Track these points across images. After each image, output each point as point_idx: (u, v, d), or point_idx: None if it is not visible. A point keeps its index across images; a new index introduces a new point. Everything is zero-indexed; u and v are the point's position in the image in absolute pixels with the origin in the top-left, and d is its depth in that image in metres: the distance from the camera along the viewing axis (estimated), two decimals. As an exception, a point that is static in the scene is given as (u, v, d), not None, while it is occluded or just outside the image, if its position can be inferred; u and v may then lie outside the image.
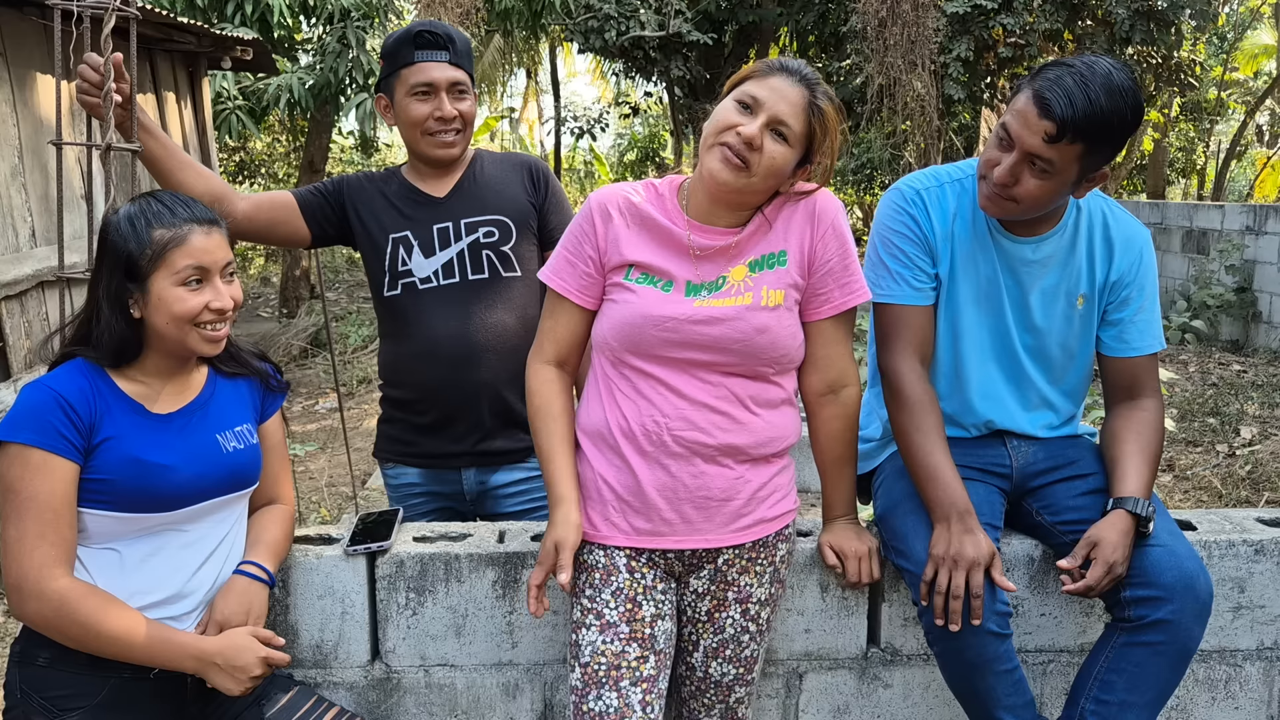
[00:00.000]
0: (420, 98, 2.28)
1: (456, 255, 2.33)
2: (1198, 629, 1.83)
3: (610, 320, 1.80)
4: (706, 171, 1.73)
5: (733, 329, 1.75)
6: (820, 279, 1.83)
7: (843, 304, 1.84)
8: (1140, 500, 1.88)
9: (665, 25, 12.52)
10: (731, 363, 1.77)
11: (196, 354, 1.79)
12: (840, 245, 1.83)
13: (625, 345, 1.78)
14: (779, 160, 1.72)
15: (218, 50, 6.89)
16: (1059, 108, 1.77)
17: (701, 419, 1.77)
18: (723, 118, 1.73)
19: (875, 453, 2.25)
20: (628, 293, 1.79)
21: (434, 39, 2.27)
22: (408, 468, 2.45)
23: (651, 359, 1.77)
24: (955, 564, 1.81)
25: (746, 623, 1.88)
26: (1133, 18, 11.82)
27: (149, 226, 1.71)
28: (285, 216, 2.33)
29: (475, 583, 2.05)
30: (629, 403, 1.79)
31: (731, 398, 1.78)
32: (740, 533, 1.83)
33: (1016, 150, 1.84)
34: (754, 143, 1.69)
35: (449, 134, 2.31)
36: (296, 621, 2.04)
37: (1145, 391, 2.08)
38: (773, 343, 1.78)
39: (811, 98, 1.73)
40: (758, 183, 1.73)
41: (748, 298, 1.77)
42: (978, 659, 1.84)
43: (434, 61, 2.27)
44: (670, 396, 1.77)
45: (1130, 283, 2.06)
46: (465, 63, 2.33)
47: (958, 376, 2.11)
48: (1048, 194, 1.87)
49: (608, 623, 1.79)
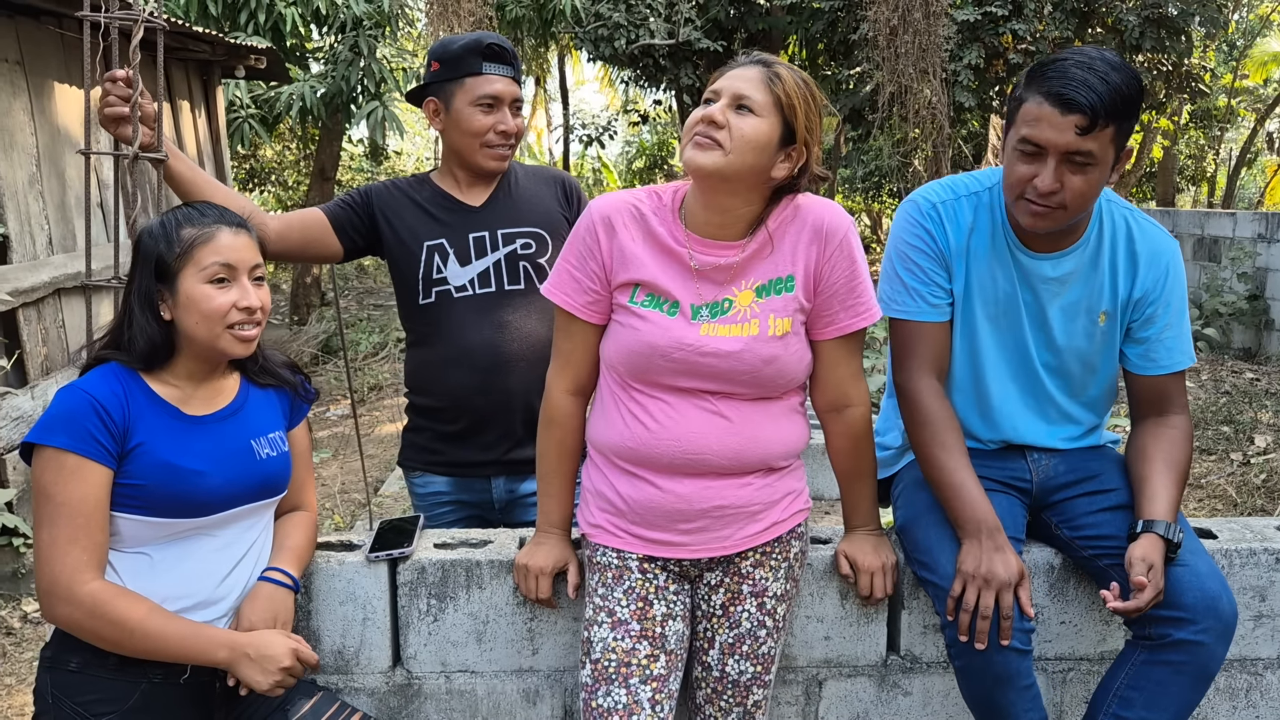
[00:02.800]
0: (485, 109, 2.30)
1: (493, 265, 2.35)
2: (1221, 649, 1.81)
3: (617, 346, 1.80)
4: (686, 165, 1.71)
5: (739, 362, 1.75)
6: (825, 300, 1.80)
7: (847, 327, 1.82)
8: (1170, 525, 1.86)
9: (675, 33, 12.54)
10: (738, 390, 1.78)
11: (227, 355, 1.80)
12: (849, 266, 1.79)
13: (632, 373, 1.79)
14: (749, 131, 1.67)
15: (231, 59, 6.93)
16: (1083, 97, 1.74)
17: (713, 441, 1.77)
18: (691, 116, 1.74)
19: (893, 460, 2.25)
20: (635, 318, 1.78)
21: (502, 52, 2.32)
22: (435, 476, 2.46)
23: (658, 386, 1.78)
24: (986, 584, 1.79)
25: (763, 617, 1.88)
26: (1143, 25, 11.81)
27: (178, 227, 1.74)
28: (317, 234, 2.34)
29: (496, 589, 2.06)
30: (639, 426, 1.79)
31: (740, 419, 1.78)
32: (755, 537, 1.84)
33: (1052, 155, 1.79)
34: (717, 120, 1.67)
35: (505, 148, 2.35)
36: (319, 627, 2.05)
37: (1173, 408, 2.04)
38: (780, 371, 1.78)
39: (768, 69, 1.72)
40: (735, 160, 1.67)
41: (754, 326, 1.76)
42: (1001, 675, 1.83)
43: (500, 75, 2.31)
44: (680, 420, 1.77)
45: (1156, 299, 2.01)
46: (521, 80, 2.40)
47: (976, 392, 2.09)
48: (1094, 187, 1.83)
49: (619, 620, 1.80)
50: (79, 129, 5.52)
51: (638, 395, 1.80)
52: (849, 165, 15.73)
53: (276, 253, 2.30)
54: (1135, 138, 17.84)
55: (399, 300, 2.44)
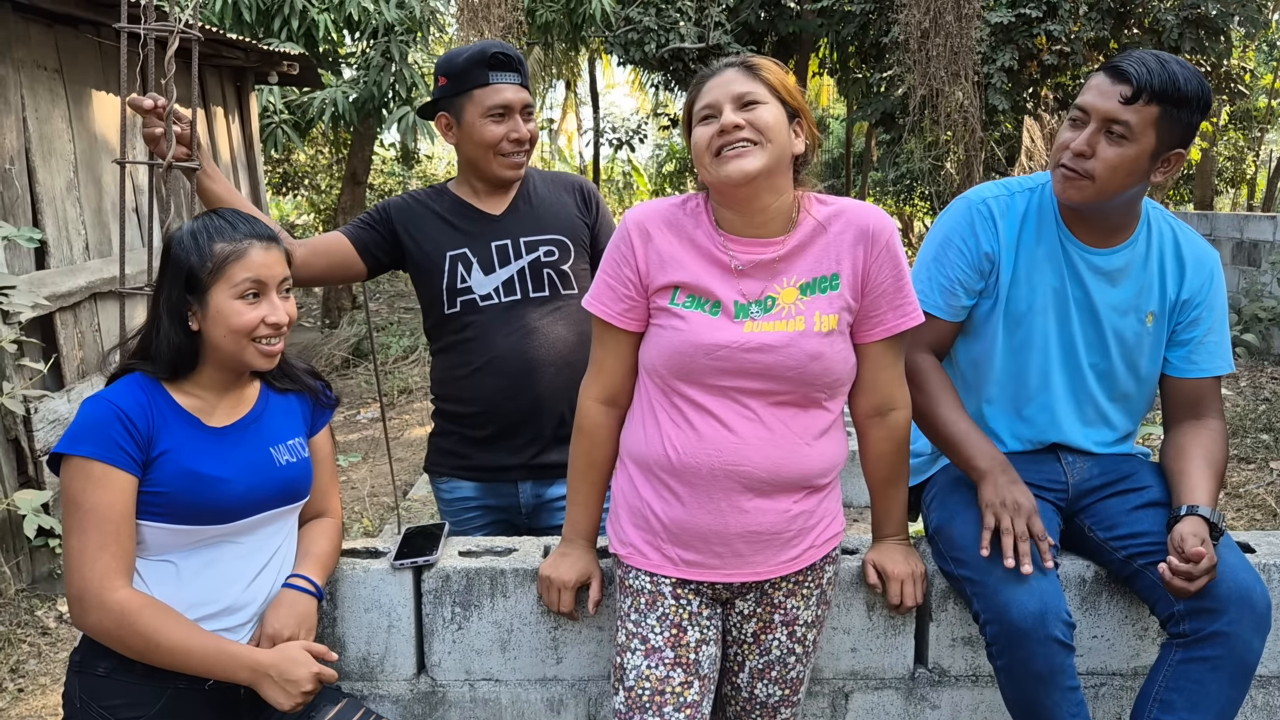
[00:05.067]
0: (496, 119, 2.30)
1: (517, 273, 2.35)
2: (1257, 641, 1.79)
3: (659, 348, 1.78)
4: (727, 179, 1.69)
5: (786, 356, 1.72)
6: (873, 301, 1.79)
7: (895, 326, 1.81)
8: (1214, 510, 1.86)
9: (705, 37, 12.53)
10: (784, 390, 1.75)
11: (251, 368, 1.82)
12: (895, 267, 1.79)
13: (675, 373, 1.76)
14: (770, 119, 1.69)
15: (264, 65, 7.01)
16: (1134, 70, 1.81)
17: (753, 453, 1.74)
18: (696, 139, 1.73)
19: (925, 467, 2.23)
20: (676, 319, 1.76)
21: (507, 60, 2.30)
22: (462, 481, 2.46)
23: (702, 387, 1.75)
24: (1016, 509, 1.84)
25: (793, 645, 1.87)
26: (1181, 25, 11.64)
27: (211, 240, 1.75)
28: (341, 258, 2.36)
29: (520, 598, 2.05)
30: (679, 434, 1.77)
31: (783, 429, 1.76)
32: (790, 562, 1.82)
33: (1094, 119, 1.85)
34: (739, 124, 1.68)
35: (520, 155, 2.35)
36: (344, 634, 2.06)
37: (1210, 412, 2.06)
38: (826, 369, 1.75)
39: (745, 65, 1.75)
40: (773, 150, 1.68)
41: (800, 322, 1.74)
42: (1045, 669, 1.79)
43: (508, 84, 2.30)
44: (721, 430, 1.74)
45: (1201, 303, 2.04)
46: (529, 84, 2.37)
47: (1017, 386, 2.09)
48: (1125, 165, 1.85)
49: (653, 648, 1.79)
50: (116, 136, 5.59)
51: (679, 401, 1.77)
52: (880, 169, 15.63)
53: (302, 279, 2.31)
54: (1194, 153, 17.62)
55: (424, 311, 2.45)
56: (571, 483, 1.96)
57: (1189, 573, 1.76)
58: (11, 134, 4.68)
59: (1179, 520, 1.85)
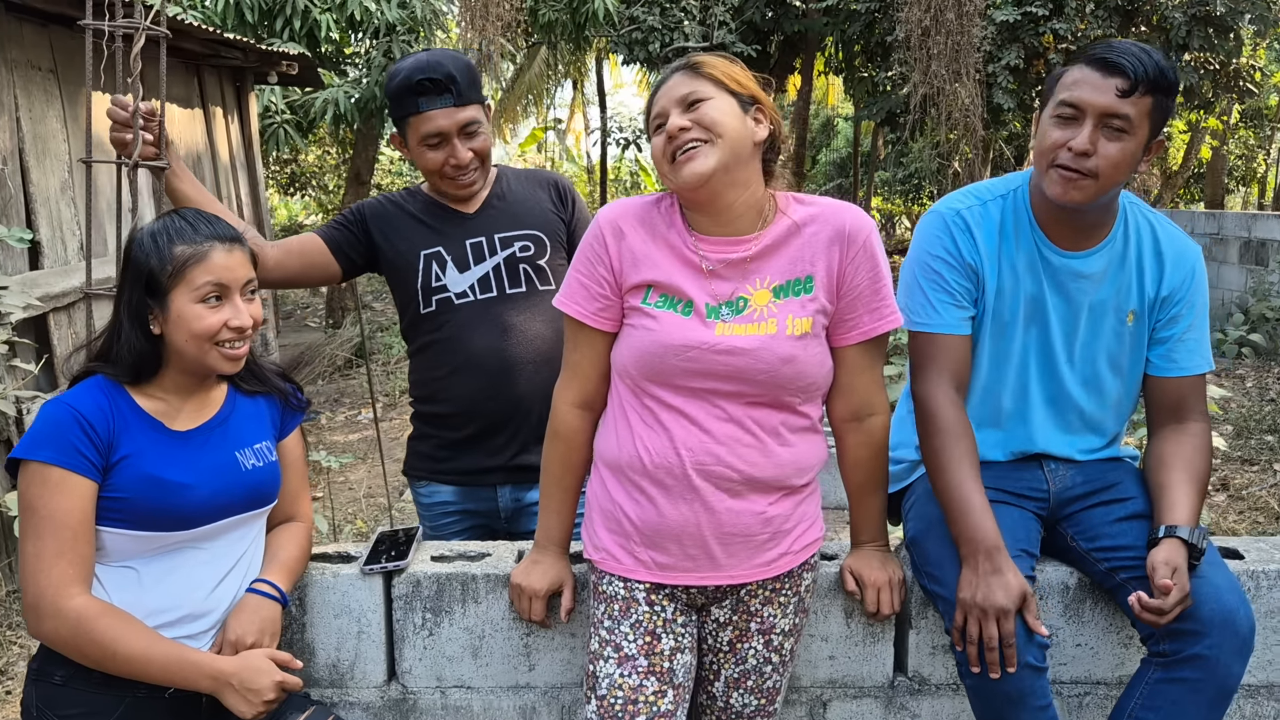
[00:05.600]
0: (433, 148, 2.24)
1: (492, 269, 2.32)
2: (1237, 666, 1.74)
3: (630, 348, 1.75)
4: (684, 183, 1.67)
5: (757, 359, 1.69)
6: (849, 304, 1.75)
7: (872, 330, 1.77)
8: (1194, 530, 1.80)
9: (709, 37, 12.47)
10: (756, 393, 1.71)
11: (215, 372, 1.79)
12: (872, 268, 1.75)
13: (646, 374, 1.73)
14: (716, 113, 1.65)
15: (264, 65, 7.00)
16: (1127, 63, 1.75)
17: (725, 452, 1.71)
18: (653, 150, 1.72)
19: (907, 474, 2.18)
20: (647, 318, 1.73)
21: (435, 84, 2.18)
22: (441, 485, 2.44)
23: (673, 389, 1.72)
24: (984, 613, 1.73)
25: (769, 653, 1.83)
26: (1189, 23, 11.53)
27: (171, 242, 1.71)
28: (315, 259, 2.33)
29: (492, 604, 2.02)
30: (651, 435, 1.74)
31: (756, 429, 1.72)
32: (766, 567, 1.78)
33: (1090, 117, 1.78)
34: (684, 125, 1.65)
35: (467, 175, 2.29)
36: (313, 640, 2.03)
37: (1192, 414, 1.99)
38: (799, 373, 1.71)
39: (688, 66, 1.72)
40: (725, 144, 1.64)
41: (772, 325, 1.70)
42: (1014, 693, 1.76)
43: (440, 109, 2.20)
44: (693, 429, 1.71)
45: (1181, 299, 1.98)
46: (473, 93, 2.25)
47: (997, 398, 2.04)
48: (1125, 159, 1.80)
49: (626, 655, 1.75)
50: (111, 136, 5.60)
51: (649, 402, 1.74)
52: (887, 168, 15.55)
53: (276, 280, 2.30)
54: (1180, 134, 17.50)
55: (400, 311, 2.43)
56: (545, 488, 1.92)
57: (1159, 607, 1.72)
58: (5, 134, 4.67)
59: (1156, 544, 1.80)
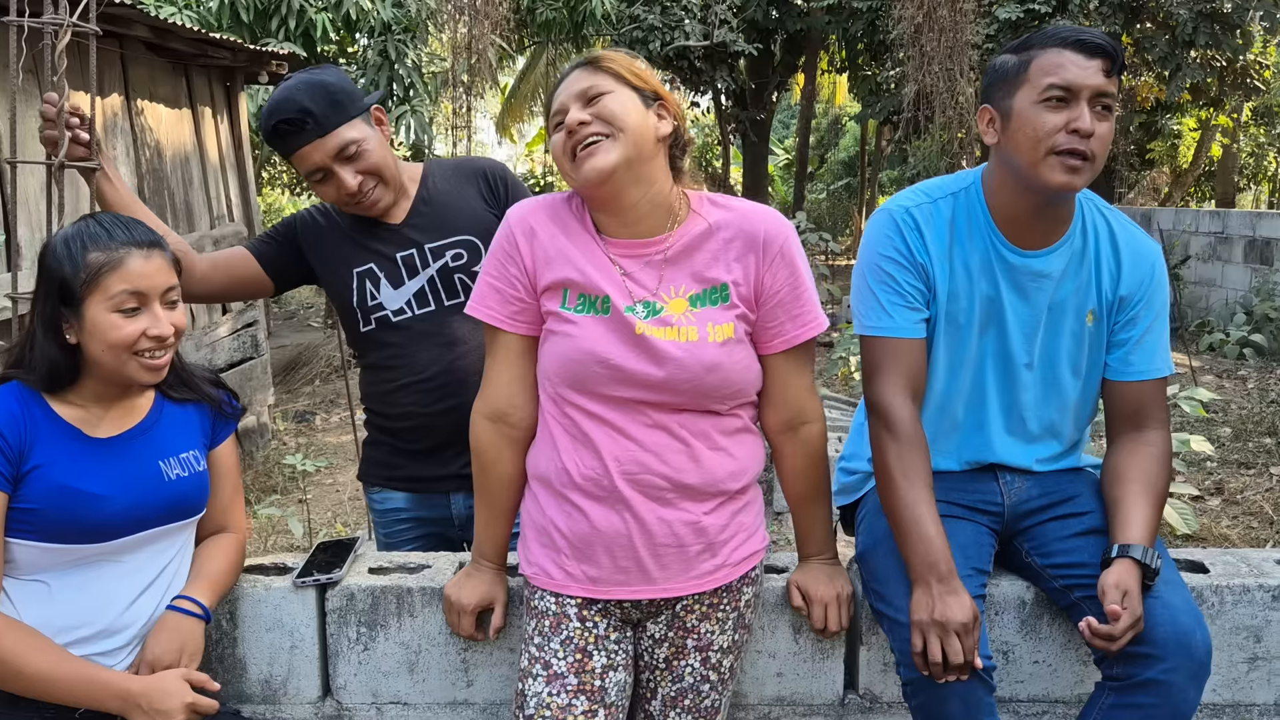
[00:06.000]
0: (319, 182, 2.12)
1: (427, 282, 2.22)
2: (1192, 691, 1.66)
3: (551, 355, 1.69)
4: (587, 180, 1.61)
5: (680, 368, 1.62)
6: (770, 311, 1.69)
7: (795, 338, 1.70)
8: (1148, 550, 1.72)
9: (710, 35, 12.41)
10: (681, 401, 1.65)
11: (135, 382, 1.73)
12: (791, 273, 1.68)
13: (568, 382, 1.67)
14: (617, 106, 1.60)
15: (254, 65, 6.95)
16: (1104, 42, 1.73)
17: (653, 460, 1.65)
18: (553, 148, 1.66)
19: (861, 485, 2.11)
20: (567, 324, 1.66)
21: (291, 124, 2.05)
22: (394, 492, 2.38)
23: (595, 397, 1.65)
24: (944, 629, 1.65)
25: (707, 671, 1.77)
26: (1196, 20, 11.41)
27: (84, 249, 1.65)
28: (243, 273, 2.25)
29: (428, 617, 1.96)
30: (577, 447, 1.67)
31: (685, 434, 1.66)
32: (701, 580, 1.71)
33: (1082, 97, 1.72)
34: (585, 120, 1.60)
35: (366, 198, 2.16)
36: (244, 655, 1.97)
37: (1151, 422, 1.91)
38: (724, 380, 1.65)
39: (588, 62, 1.67)
40: (627, 138, 1.58)
41: (692, 332, 1.64)
42: (961, 712, 1.69)
43: (306, 145, 2.07)
44: (618, 438, 1.65)
45: (1140, 300, 1.90)
46: (338, 116, 2.07)
47: (953, 406, 1.96)
48: (1111, 138, 1.78)
49: (555, 673, 1.69)
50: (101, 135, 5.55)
51: (572, 412, 1.68)
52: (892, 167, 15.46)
53: (201, 294, 2.23)
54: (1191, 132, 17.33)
55: (343, 327, 2.35)
56: (475, 504, 1.87)
57: (1109, 633, 1.65)
58: (-18, 135, 4.63)
59: (1109, 564, 1.73)
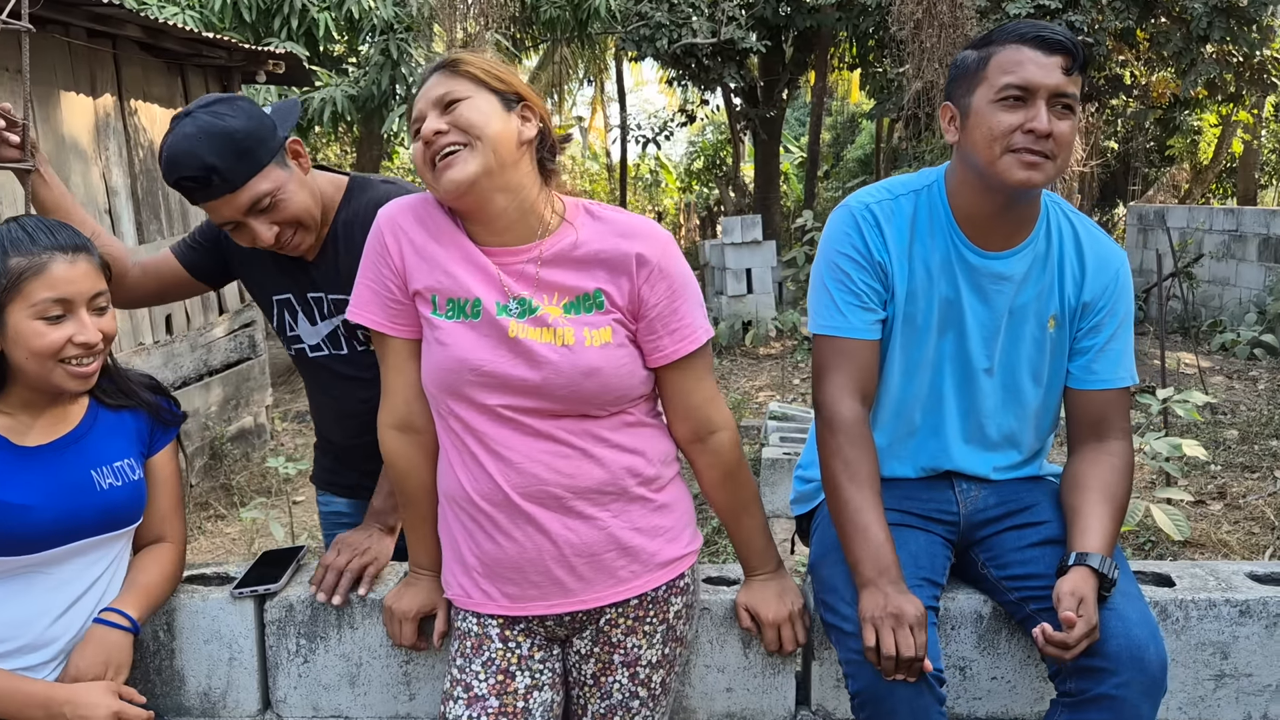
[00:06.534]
0: (234, 232, 1.92)
1: (339, 327, 2.08)
2: (1146, 707, 1.60)
3: (427, 365, 1.64)
4: (448, 191, 1.55)
5: (556, 373, 1.56)
6: (648, 325, 1.63)
7: (675, 353, 1.64)
8: (1106, 559, 1.67)
9: (718, 33, 12.30)
10: (559, 408, 1.60)
11: (62, 391, 1.69)
12: (668, 287, 1.62)
13: (443, 391, 1.62)
14: (474, 114, 1.54)
15: (250, 64, 6.93)
16: (1064, 39, 1.68)
17: (543, 470, 1.59)
18: (414, 156, 1.60)
19: (817, 493, 2.05)
20: (439, 331, 1.61)
21: (195, 180, 1.82)
22: (335, 496, 2.35)
23: (472, 406, 1.60)
24: (898, 620, 1.60)
25: (636, 687, 1.71)
26: (1211, 14, 11.21)
27: (5, 255, 1.61)
28: (174, 279, 2.16)
29: (369, 629, 1.92)
30: (467, 463, 1.63)
31: (569, 438, 1.60)
32: (618, 588, 1.66)
33: (1040, 96, 1.68)
34: (440, 129, 1.54)
35: (286, 247, 1.96)
36: (183, 666, 1.94)
37: (1113, 432, 1.85)
38: (604, 385, 1.59)
39: (445, 65, 1.60)
40: (485, 146, 1.53)
41: (569, 335, 1.58)
42: None
43: (215, 200, 1.84)
44: (504, 453, 1.60)
45: (1104, 307, 1.84)
46: (247, 166, 1.83)
47: (909, 410, 1.90)
48: (1073, 138, 1.72)
49: (476, 696, 1.64)
50: (85, 136, 5.56)
51: (455, 425, 1.63)
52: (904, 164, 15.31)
53: (136, 299, 2.16)
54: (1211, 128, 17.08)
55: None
56: (401, 515, 1.83)
57: (1063, 641, 1.58)
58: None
59: (1065, 572, 1.67)
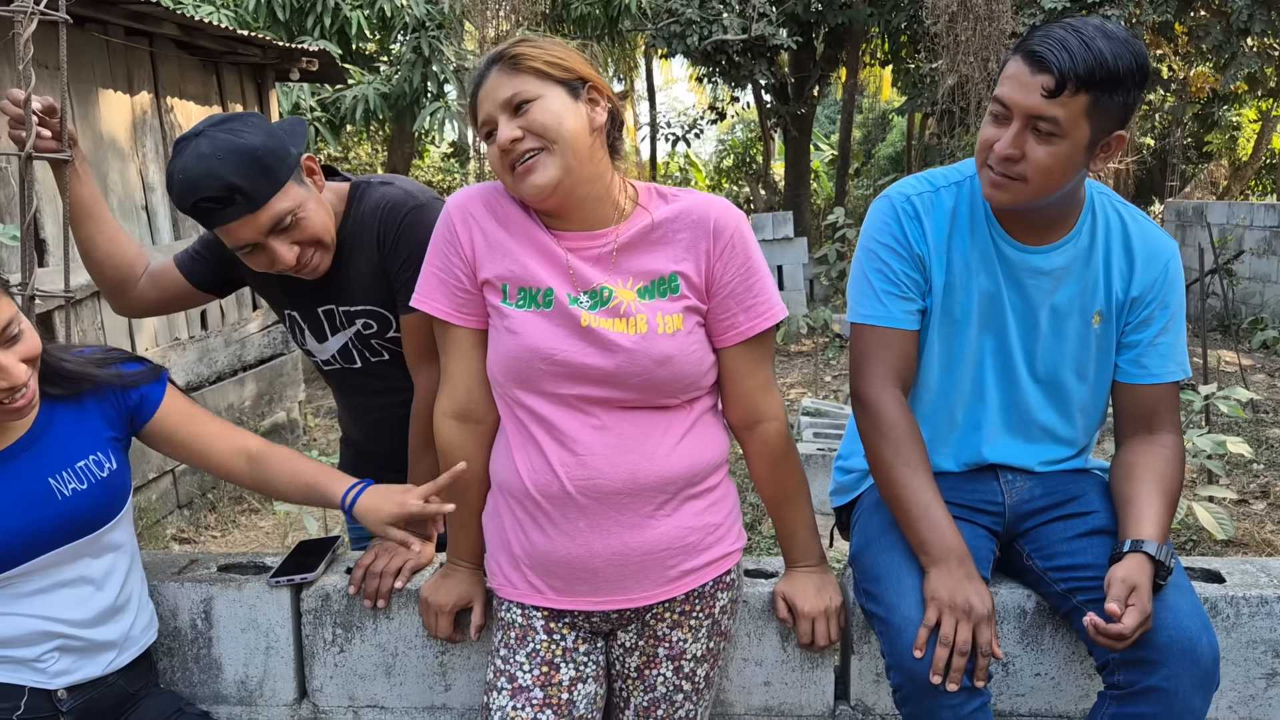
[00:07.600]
0: (249, 256, 1.87)
1: (350, 340, 2.06)
2: (1198, 700, 1.56)
3: (496, 354, 1.63)
4: (529, 196, 1.55)
5: (630, 361, 1.55)
6: (722, 302, 1.61)
7: (749, 330, 1.63)
8: (1162, 547, 1.62)
9: (748, 29, 12.24)
10: (630, 398, 1.58)
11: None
12: (744, 263, 1.61)
13: (513, 380, 1.60)
14: (548, 116, 1.51)
15: (284, 62, 6.98)
16: (1054, 57, 1.56)
17: (604, 464, 1.57)
18: (490, 159, 1.57)
19: (857, 484, 2.03)
20: (509, 320, 1.60)
21: (217, 200, 1.76)
22: None
23: (542, 395, 1.59)
24: (965, 615, 1.58)
25: (680, 681, 1.70)
26: (1252, 6, 11.01)
27: None
28: (177, 291, 2.12)
29: (405, 619, 1.91)
30: (526, 457, 1.62)
31: (633, 433, 1.59)
32: (667, 587, 1.64)
33: (1016, 118, 1.61)
34: (516, 136, 1.51)
35: (305, 269, 1.91)
36: (220, 655, 1.94)
37: (1164, 425, 1.81)
38: (676, 374, 1.58)
39: (506, 60, 1.55)
40: (564, 148, 1.51)
41: (642, 324, 1.56)
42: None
43: (234, 222, 1.79)
44: (568, 443, 1.58)
45: (1153, 300, 1.80)
46: (269, 183, 1.78)
47: (949, 405, 1.87)
48: (1060, 163, 1.62)
49: (520, 687, 1.63)
50: (123, 133, 5.61)
51: (521, 414, 1.62)
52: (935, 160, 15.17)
53: (141, 310, 2.14)
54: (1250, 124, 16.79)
55: None
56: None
57: (1119, 632, 1.54)
58: (10, 133, 4.69)
59: (1120, 559, 1.63)
